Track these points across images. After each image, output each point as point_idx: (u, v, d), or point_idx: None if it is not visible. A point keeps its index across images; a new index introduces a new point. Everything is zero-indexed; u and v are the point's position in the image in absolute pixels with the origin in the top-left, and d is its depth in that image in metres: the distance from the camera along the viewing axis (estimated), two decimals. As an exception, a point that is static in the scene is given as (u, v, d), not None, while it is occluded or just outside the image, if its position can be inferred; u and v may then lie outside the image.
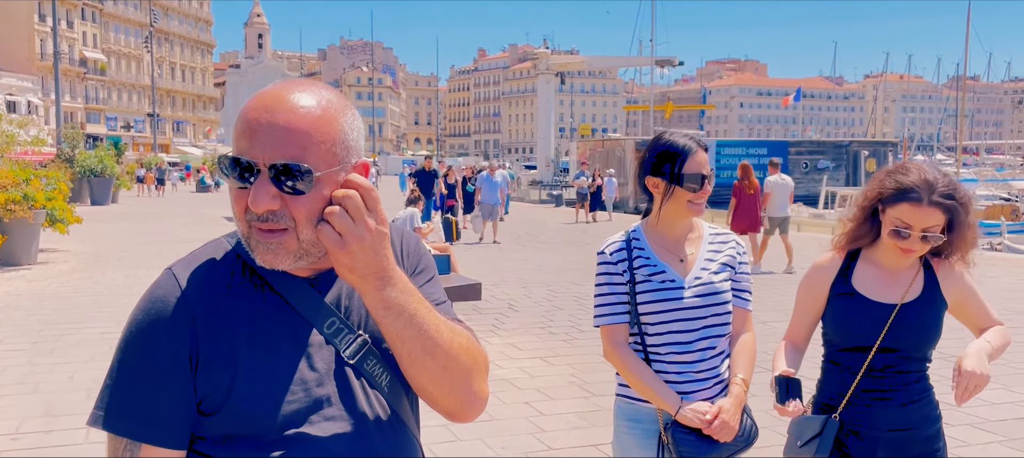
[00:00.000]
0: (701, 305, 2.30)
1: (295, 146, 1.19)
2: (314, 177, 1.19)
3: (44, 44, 76.00)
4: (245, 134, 1.20)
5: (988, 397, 5.89)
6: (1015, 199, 32.82)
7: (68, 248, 14.29)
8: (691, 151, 2.29)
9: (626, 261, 2.33)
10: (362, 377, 1.31)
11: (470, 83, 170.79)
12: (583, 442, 4.91)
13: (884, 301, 2.33)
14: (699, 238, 2.40)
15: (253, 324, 1.26)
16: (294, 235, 1.21)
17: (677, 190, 2.29)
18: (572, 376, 6.40)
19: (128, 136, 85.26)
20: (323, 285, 1.33)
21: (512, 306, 9.49)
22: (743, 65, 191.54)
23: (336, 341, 1.30)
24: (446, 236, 15.67)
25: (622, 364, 2.32)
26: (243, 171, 1.19)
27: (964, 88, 54.55)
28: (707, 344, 2.31)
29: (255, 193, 1.18)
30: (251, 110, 1.22)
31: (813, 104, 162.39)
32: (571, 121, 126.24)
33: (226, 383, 1.23)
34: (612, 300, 2.34)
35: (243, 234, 1.25)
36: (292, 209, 1.20)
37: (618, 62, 73.41)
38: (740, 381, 2.31)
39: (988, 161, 73.03)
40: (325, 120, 1.22)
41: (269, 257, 1.22)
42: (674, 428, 2.25)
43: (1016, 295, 10.34)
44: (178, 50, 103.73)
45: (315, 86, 1.26)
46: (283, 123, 1.19)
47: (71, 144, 28.31)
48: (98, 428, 1.24)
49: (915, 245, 2.26)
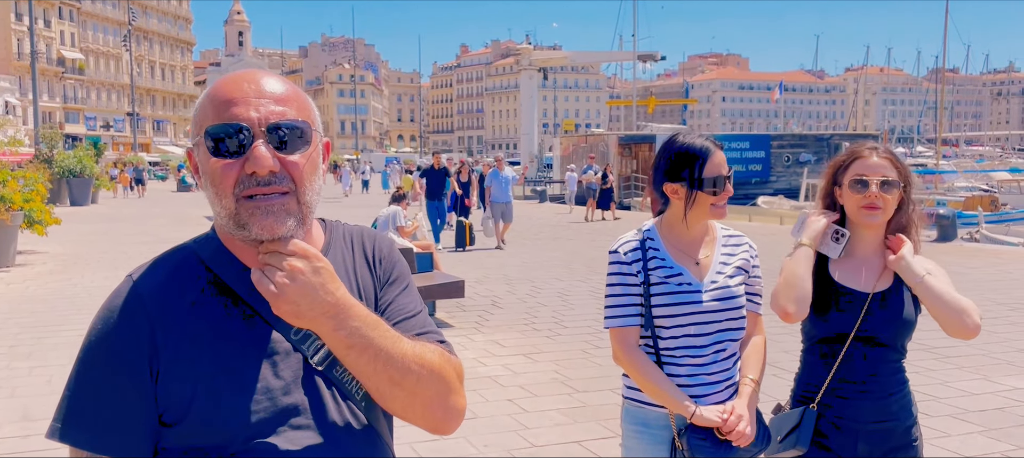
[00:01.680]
0: (718, 309, 2.26)
1: (288, 105, 1.22)
2: (311, 132, 1.23)
3: (21, 44, 75.15)
4: (228, 105, 1.20)
5: (968, 388, 5.95)
6: (994, 190, 33.15)
7: (46, 250, 14.14)
8: (710, 153, 2.24)
9: (640, 262, 2.28)
10: (331, 384, 1.27)
11: (453, 79, 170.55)
12: (566, 439, 4.90)
13: (859, 289, 2.34)
14: (713, 240, 2.36)
15: (215, 331, 1.22)
16: (295, 198, 1.21)
17: (699, 195, 2.24)
18: (555, 373, 6.39)
19: (108, 136, 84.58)
20: None
21: (496, 303, 9.47)
22: (725, 59, 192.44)
23: (303, 347, 1.25)
24: (459, 242, 15.04)
25: (634, 367, 2.26)
26: (233, 140, 1.18)
27: (943, 80, 54.96)
28: (720, 348, 2.27)
29: (257, 155, 1.17)
30: (228, 87, 1.22)
31: (795, 97, 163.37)
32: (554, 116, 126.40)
33: (188, 393, 1.19)
34: (625, 301, 2.28)
35: (230, 213, 1.20)
36: (290, 169, 1.21)
37: (600, 57, 73.57)
38: (750, 382, 2.29)
39: (967, 152, 73.71)
40: (299, 91, 1.28)
41: (270, 222, 1.19)
42: (689, 434, 2.21)
43: (995, 285, 10.45)
44: (157, 48, 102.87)
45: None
46: (268, 88, 1.22)
47: (49, 144, 28.07)
48: (55, 440, 1.20)
49: (877, 196, 2.29)
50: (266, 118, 1.19)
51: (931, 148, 77.44)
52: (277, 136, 1.20)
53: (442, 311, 8.75)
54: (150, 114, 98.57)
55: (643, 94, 79.21)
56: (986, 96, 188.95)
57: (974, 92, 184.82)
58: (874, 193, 2.29)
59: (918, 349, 7.11)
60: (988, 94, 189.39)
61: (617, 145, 32.81)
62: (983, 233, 19.84)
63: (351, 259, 1.39)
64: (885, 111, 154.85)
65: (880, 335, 2.33)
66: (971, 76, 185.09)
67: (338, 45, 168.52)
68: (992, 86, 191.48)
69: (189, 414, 1.19)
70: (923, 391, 5.87)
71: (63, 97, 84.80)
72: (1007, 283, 10.64)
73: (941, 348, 7.11)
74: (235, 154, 1.19)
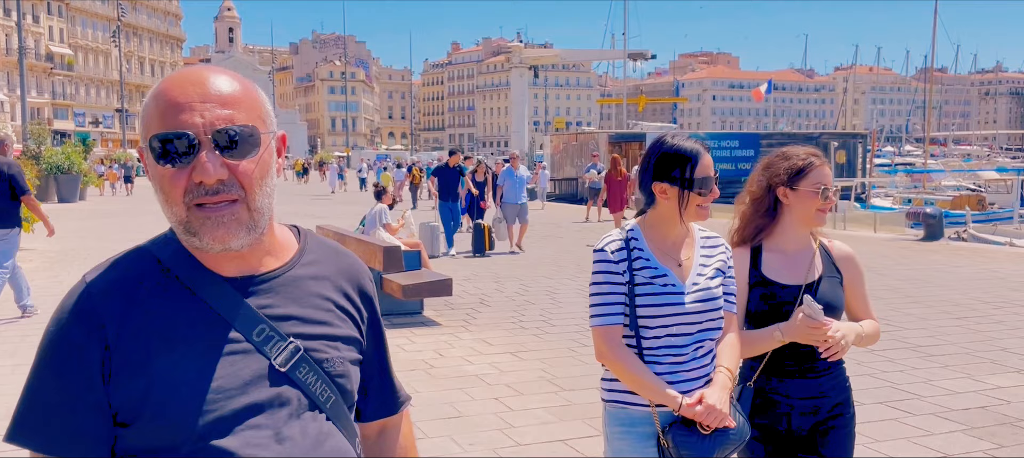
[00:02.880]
0: (700, 310, 2.29)
1: (234, 109, 1.18)
2: (260, 137, 1.19)
3: (9, 39, 74.62)
4: (172, 111, 1.16)
5: (951, 386, 5.98)
6: (981, 189, 33.35)
7: (33, 247, 14.04)
8: (700, 155, 2.28)
9: (626, 261, 2.30)
10: (295, 386, 1.24)
11: (444, 77, 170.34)
12: (552, 438, 4.91)
13: (792, 283, 2.57)
14: (693, 241, 2.39)
15: (171, 329, 1.20)
16: (245, 205, 1.19)
17: (690, 195, 2.27)
18: (542, 371, 6.40)
19: (97, 132, 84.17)
20: (251, 288, 1.26)
21: (483, 301, 9.48)
22: (715, 58, 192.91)
23: (266, 349, 1.22)
24: (477, 246, 14.11)
25: (620, 364, 2.28)
26: (178, 147, 1.15)
27: (931, 80, 55.13)
28: (700, 346, 2.32)
29: (204, 163, 1.15)
30: (173, 89, 1.18)
31: (785, 96, 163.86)
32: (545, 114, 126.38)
33: (140, 392, 1.17)
34: (610, 300, 2.30)
35: (181, 220, 1.19)
36: (240, 176, 1.18)
37: (591, 55, 73.63)
38: (724, 369, 2.33)
39: (955, 152, 74.20)
40: (250, 88, 1.23)
41: (221, 233, 1.17)
42: (674, 430, 2.24)
43: (981, 284, 10.51)
44: (147, 45, 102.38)
45: (220, 67, 1.27)
46: (214, 90, 1.18)
47: (37, 141, 27.90)
48: (11, 443, 1.19)
49: (831, 202, 2.58)
50: (211, 123, 1.16)
51: (919, 147, 77.85)
52: (223, 141, 1.16)
53: (430, 309, 8.75)
54: (139, 110, 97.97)
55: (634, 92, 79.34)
56: (974, 96, 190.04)
57: (962, 91, 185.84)
58: (832, 201, 2.58)
59: (902, 347, 7.16)
60: (976, 94, 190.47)
61: (608, 143, 32.85)
62: (971, 232, 19.97)
63: (324, 271, 1.36)
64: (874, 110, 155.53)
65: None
66: (959, 76, 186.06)
67: (329, 42, 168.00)
68: (980, 85, 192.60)
69: (143, 413, 1.17)
70: (906, 389, 5.90)
71: (52, 93, 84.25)
72: (992, 282, 10.72)
73: (925, 347, 7.16)
74: (181, 161, 1.16)
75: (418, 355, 6.89)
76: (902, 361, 6.68)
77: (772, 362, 2.56)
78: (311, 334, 1.28)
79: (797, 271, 2.57)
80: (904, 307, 8.96)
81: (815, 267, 2.60)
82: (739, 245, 2.65)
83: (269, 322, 1.24)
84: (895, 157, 65.11)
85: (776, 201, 2.60)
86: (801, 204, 2.56)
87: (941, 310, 8.81)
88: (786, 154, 2.62)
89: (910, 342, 7.34)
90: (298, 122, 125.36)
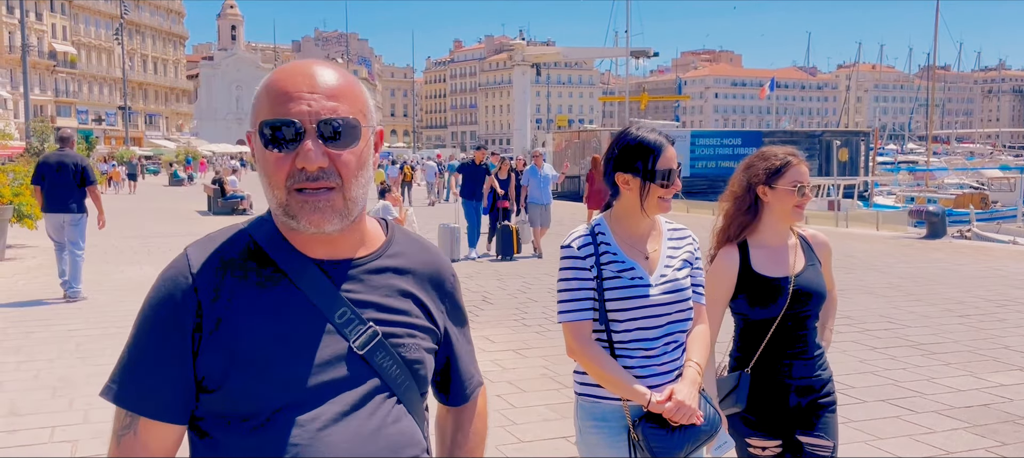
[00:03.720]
0: (667, 302, 2.29)
1: (339, 101, 1.25)
2: (361, 129, 1.27)
3: (12, 37, 74.66)
4: (282, 99, 1.24)
5: (954, 384, 5.98)
6: (984, 187, 33.31)
7: (36, 244, 14.07)
8: (663, 147, 2.29)
9: (593, 256, 2.30)
10: (371, 368, 1.31)
11: (446, 75, 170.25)
12: (554, 435, 4.91)
13: (780, 276, 2.71)
14: (659, 234, 2.39)
15: (260, 304, 1.27)
16: (341, 193, 1.26)
17: (651, 186, 2.28)
18: (545, 369, 6.40)
19: (100, 129, 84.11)
20: (337, 273, 1.32)
21: (486, 299, 9.48)
22: (718, 56, 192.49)
23: (346, 331, 1.29)
24: (504, 250, 13.17)
25: (590, 360, 2.28)
26: (285, 133, 1.23)
27: (934, 78, 55.09)
28: (670, 339, 2.31)
29: (307, 151, 1.22)
30: (281, 79, 1.26)
31: (787, 94, 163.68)
32: (548, 112, 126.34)
33: (226, 360, 1.24)
34: (579, 295, 2.30)
35: (281, 203, 1.26)
36: (339, 166, 1.25)
37: (594, 53, 73.55)
38: (693, 364, 2.32)
39: (958, 150, 74.08)
40: (355, 83, 1.31)
41: (317, 217, 1.24)
42: (643, 425, 2.24)
43: (985, 282, 10.50)
44: (150, 42, 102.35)
45: (330, 62, 1.33)
46: (322, 83, 1.25)
47: (40, 138, 27.97)
48: (106, 399, 1.28)
49: (808, 199, 2.72)
50: (317, 113, 1.23)
51: (922, 145, 77.68)
52: (327, 132, 1.24)
53: (432, 307, 8.75)
54: (142, 108, 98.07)
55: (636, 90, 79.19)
56: (977, 94, 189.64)
57: (965, 89, 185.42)
58: (808, 197, 2.72)
59: (904, 345, 7.16)
60: (979, 92, 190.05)
61: (609, 141, 32.86)
62: (975, 231, 19.95)
63: (408, 265, 1.42)
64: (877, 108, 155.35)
65: (805, 309, 2.72)
66: (962, 74, 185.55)
67: (331, 40, 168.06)
68: (983, 83, 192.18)
69: (227, 381, 1.24)
70: (909, 387, 5.90)
71: (55, 91, 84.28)
72: (994, 280, 10.70)
73: (928, 344, 7.16)
74: (287, 147, 1.23)
75: (420, 352, 6.89)
76: (905, 359, 6.68)
77: (772, 345, 2.71)
78: (390, 321, 1.34)
79: (783, 263, 2.72)
80: (907, 305, 8.95)
81: (798, 258, 2.76)
82: (726, 243, 2.78)
83: (351, 306, 1.31)
84: (898, 155, 65.11)
85: (756, 199, 2.74)
86: (779, 202, 2.70)
87: (944, 308, 8.80)
88: (764, 154, 2.78)
89: (913, 340, 7.33)
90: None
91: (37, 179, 9.33)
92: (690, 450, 2.26)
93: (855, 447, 4.66)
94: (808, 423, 2.70)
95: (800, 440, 2.70)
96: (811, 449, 2.69)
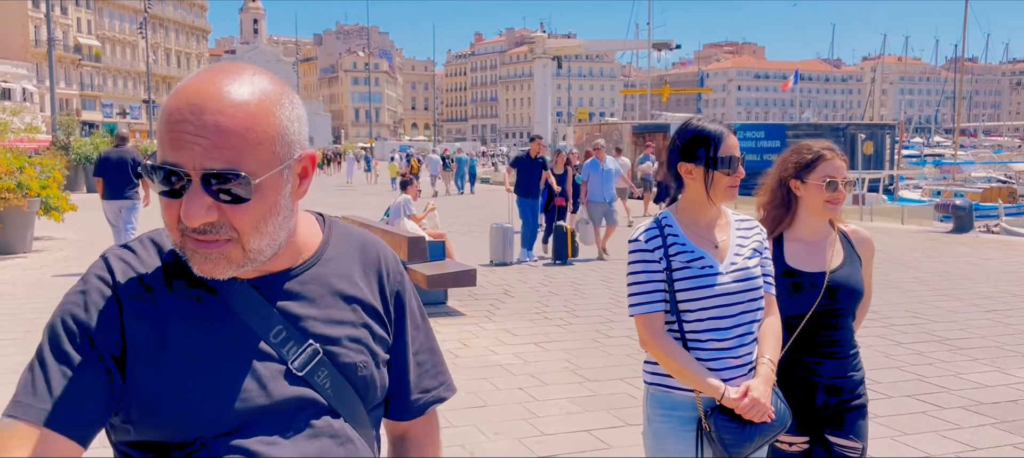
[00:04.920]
0: (738, 290, 2.30)
1: (229, 149, 1.06)
2: (253, 184, 1.08)
3: (38, 31, 75.59)
4: (170, 136, 1.07)
5: (981, 379, 5.91)
6: (1012, 181, 32.84)
7: (63, 236, 14.27)
8: (723, 135, 2.32)
9: (661, 247, 2.32)
10: (313, 389, 1.20)
11: (467, 67, 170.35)
12: (576, 427, 4.91)
13: (816, 271, 2.67)
14: (727, 223, 2.41)
15: (187, 326, 1.16)
16: (239, 245, 1.12)
17: (715, 175, 2.30)
18: (566, 362, 6.40)
19: (124, 122, 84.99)
20: (272, 288, 1.21)
21: (507, 292, 9.48)
22: (741, 48, 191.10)
23: (283, 351, 1.18)
24: (559, 253, 11.89)
25: (663, 352, 2.29)
26: (172, 180, 1.08)
27: (961, 70, 54.35)
28: (743, 330, 2.32)
29: (187, 205, 1.07)
30: (175, 108, 1.08)
31: (811, 87, 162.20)
32: (569, 105, 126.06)
33: (150, 385, 1.13)
34: (649, 287, 2.31)
35: (177, 245, 1.13)
36: (232, 219, 1.09)
37: (615, 45, 73.16)
38: (767, 361, 2.33)
39: (986, 143, 73.04)
40: (260, 116, 1.09)
41: (207, 267, 1.11)
42: (716, 416, 2.25)
43: (1013, 277, 10.36)
44: (173, 36, 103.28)
45: (246, 73, 1.13)
46: (212, 124, 1.06)
47: (66, 131, 28.22)
48: (7, 414, 1.12)
49: (841, 194, 2.67)
50: (201, 163, 1.06)
51: (949, 138, 76.77)
52: (215, 183, 1.07)
53: (454, 299, 8.77)
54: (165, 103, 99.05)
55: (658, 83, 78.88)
56: (1005, 86, 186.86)
57: (993, 82, 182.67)
58: (842, 193, 2.68)
59: (931, 340, 7.08)
60: (1007, 84, 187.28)
61: (631, 134, 32.71)
62: (1003, 225, 19.66)
63: (347, 266, 1.31)
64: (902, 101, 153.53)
65: (840, 305, 2.68)
66: (990, 65, 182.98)
67: (352, 33, 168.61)
68: (1012, 76, 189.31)
69: (153, 406, 1.13)
70: (936, 382, 5.84)
71: (80, 84, 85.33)
72: (1022, 275, 10.55)
73: (954, 339, 7.07)
74: (176, 193, 1.09)
75: (443, 345, 6.84)
76: (931, 354, 6.60)
77: (803, 341, 2.65)
78: (331, 335, 1.23)
79: (819, 258, 2.68)
80: (933, 300, 8.85)
81: (836, 253, 2.71)
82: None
83: (287, 323, 1.20)
84: (924, 148, 64.28)
85: (790, 193, 2.72)
86: (810, 196, 2.68)
87: (971, 303, 8.69)
88: (799, 148, 2.76)
89: (939, 335, 7.25)
90: (322, 113, 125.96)
91: (99, 171, 10.85)
92: (760, 444, 2.29)
93: (881, 443, 4.62)
94: (837, 423, 2.67)
95: (829, 439, 2.68)
96: (840, 449, 2.66)
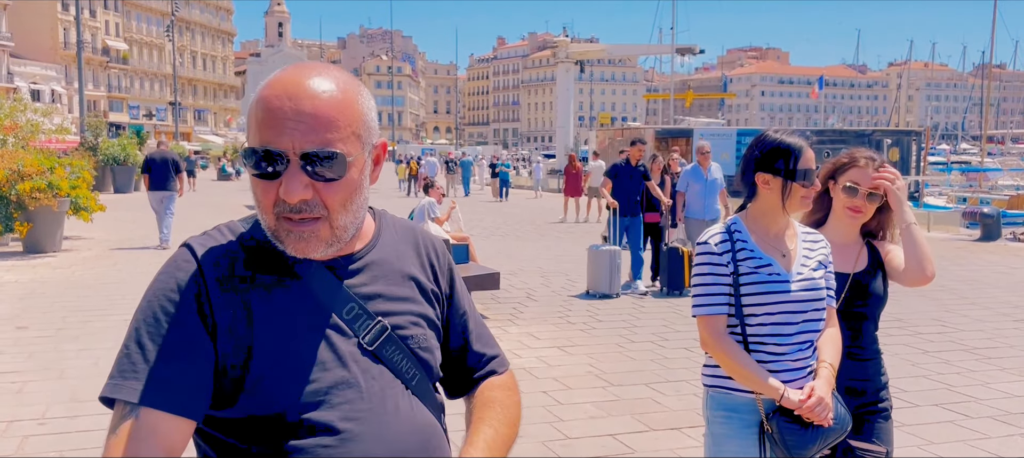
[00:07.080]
0: (804, 300, 2.35)
1: (324, 132, 1.19)
2: (346, 162, 1.21)
3: (67, 33, 76.66)
4: (268, 123, 1.19)
5: (1010, 389, 5.85)
6: (1041, 189, 32.36)
7: (92, 236, 14.46)
8: (803, 148, 2.36)
9: (730, 253, 2.37)
10: (383, 363, 1.31)
11: (489, 71, 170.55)
12: (600, 432, 4.92)
13: (840, 271, 2.65)
14: (794, 234, 2.46)
15: (268, 306, 1.25)
16: (327, 223, 1.23)
17: (793, 186, 2.35)
18: (590, 366, 6.41)
19: (150, 124, 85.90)
20: (343, 269, 1.32)
21: (530, 295, 9.50)
22: (765, 53, 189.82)
23: (355, 327, 1.29)
24: (673, 282, 9.58)
25: (724, 353, 2.34)
26: (270, 162, 1.19)
27: (990, 76, 53.66)
28: (805, 339, 2.36)
29: (288, 183, 1.19)
30: (272, 97, 1.20)
31: (836, 92, 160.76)
32: (590, 109, 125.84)
33: (238, 364, 1.21)
34: (715, 291, 2.36)
35: (270, 227, 1.24)
36: (324, 197, 1.21)
37: (638, 50, 73.11)
38: (828, 365, 2.37)
39: (1013, 150, 71.99)
40: (347, 103, 1.23)
41: (301, 246, 1.22)
42: (778, 418, 2.29)
43: (1040, 286, 10.23)
44: (199, 39, 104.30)
45: (329, 69, 1.25)
46: (309, 110, 1.19)
47: (94, 132, 28.57)
48: (106, 395, 1.19)
49: (863, 203, 2.67)
50: (301, 145, 1.18)
51: (975, 145, 75.74)
52: (311, 163, 1.19)
53: (477, 302, 8.80)
54: (191, 103, 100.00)
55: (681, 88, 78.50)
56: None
57: (1021, 88, 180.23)
58: (861, 201, 2.68)
59: (959, 350, 7.01)
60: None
61: (654, 139, 32.62)
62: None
63: (402, 249, 1.43)
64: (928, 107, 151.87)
65: (860, 308, 2.68)
66: (1019, 72, 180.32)
67: (376, 37, 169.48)
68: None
69: (239, 382, 1.22)
70: (963, 392, 5.79)
71: (107, 86, 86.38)
72: (1052, 284, 10.42)
73: (982, 349, 7.01)
74: (273, 176, 1.20)
75: (466, 348, 6.93)
76: (959, 363, 6.55)
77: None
78: (396, 311, 1.34)
79: (846, 261, 2.69)
80: (960, 309, 8.76)
81: (862, 257, 2.73)
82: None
83: (358, 301, 1.31)
84: (950, 155, 63.53)
85: (827, 192, 2.76)
86: (837, 200, 2.73)
87: (999, 312, 8.60)
88: (846, 153, 2.79)
89: (967, 344, 7.18)
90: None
91: (145, 169, 13.72)
92: (822, 447, 2.33)
93: (908, 451, 4.60)
94: (858, 427, 2.65)
95: (851, 444, 2.66)
96: (862, 453, 2.66)
